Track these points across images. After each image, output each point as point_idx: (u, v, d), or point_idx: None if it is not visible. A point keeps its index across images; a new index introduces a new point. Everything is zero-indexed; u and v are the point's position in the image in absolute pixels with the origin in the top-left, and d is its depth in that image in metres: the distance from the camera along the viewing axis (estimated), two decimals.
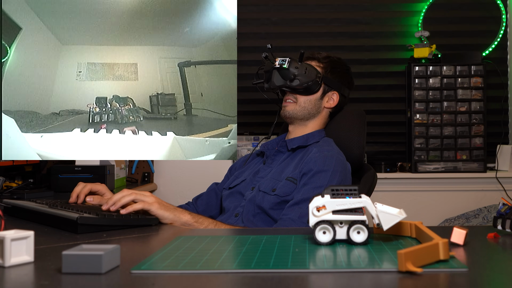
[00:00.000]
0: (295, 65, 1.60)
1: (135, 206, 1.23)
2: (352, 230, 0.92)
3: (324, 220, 0.92)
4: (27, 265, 0.79)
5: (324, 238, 0.92)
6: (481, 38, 3.01)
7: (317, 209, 0.93)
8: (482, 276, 0.75)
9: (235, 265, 0.79)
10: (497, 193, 2.78)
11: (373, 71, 3.02)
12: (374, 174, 1.68)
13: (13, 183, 1.90)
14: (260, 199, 1.52)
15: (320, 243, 0.92)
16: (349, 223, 0.92)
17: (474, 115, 2.78)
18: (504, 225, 1.02)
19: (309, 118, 1.68)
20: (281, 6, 3.05)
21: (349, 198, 0.93)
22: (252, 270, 0.76)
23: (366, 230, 0.92)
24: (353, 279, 0.72)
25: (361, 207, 0.93)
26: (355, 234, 0.92)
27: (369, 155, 2.97)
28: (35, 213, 1.25)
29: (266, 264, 0.79)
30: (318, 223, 0.92)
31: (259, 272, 0.75)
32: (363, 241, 0.91)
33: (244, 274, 0.75)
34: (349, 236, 0.92)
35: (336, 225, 0.93)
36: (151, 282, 0.71)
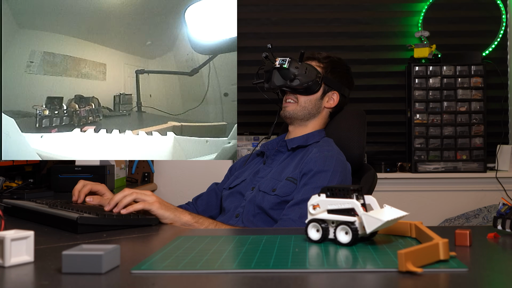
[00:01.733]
0: (295, 65, 1.60)
1: (136, 206, 1.23)
2: (339, 230, 0.92)
3: (318, 219, 0.94)
4: (27, 265, 0.79)
5: (315, 236, 0.94)
6: (481, 38, 3.01)
7: (313, 207, 0.95)
8: (482, 276, 0.75)
9: (235, 265, 0.79)
10: (497, 193, 2.78)
11: (373, 71, 3.02)
12: (374, 174, 1.68)
13: (13, 183, 1.90)
14: (260, 199, 1.52)
15: (311, 240, 0.94)
16: (338, 223, 0.93)
17: (474, 115, 2.78)
18: (504, 225, 1.02)
19: (309, 118, 1.68)
20: (281, 6, 3.05)
21: (341, 199, 0.93)
22: (252, 270, 0.76)
23: (351, 232, 0.91)
24: (353, 279, 0.72)
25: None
26: (342, 234, 0.92)
27: (369, 155, 2.97)
28: (35, 213, 1.25)
29: (266, 264, 0.79)
30: (311, 221, 0.95)
31: (259, 272, 0.75)
32: (348, 242, 0.91)
33: (244, 274, 0.75)
34: (335, 235, 0.92)
35: (329, 224, 0.94)
36: (151, 282, 0.71)
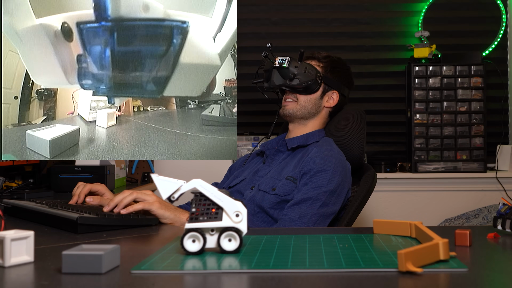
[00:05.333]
0: (295, 65, 1.60)
1: (136, 206, 1.23)
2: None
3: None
4: (27, 265, 0.79)
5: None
6: (481, 38, 3.01)
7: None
8: (482, 276, 0.75)
9: (235, 265, 0.79)
10: (497, 193, 2.78)
11: (373, 71, 3.02)
12: (374, 174, 1.68)
13: (13, 183, 1.90)
14: (260, 198, 1.52)
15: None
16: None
17: (474, 115, 2.78)
18: (504, 225, 1.02)
19: (309, 117, 1.68)
20: (281, 6, 3.05)
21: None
22: (252, 270, 0.76)
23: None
24: (353, 279, 0.72)
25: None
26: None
27: (369, 155, 2.97)
28: (35, 213, 1.25)
29: (266, 264, 0.79)
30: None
31: (259, 272, 0.75)
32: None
33: (244, 274, 0.75)
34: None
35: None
36: (151, 282, 0.71)
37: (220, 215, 0.87)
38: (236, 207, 0.87)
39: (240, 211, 0.87)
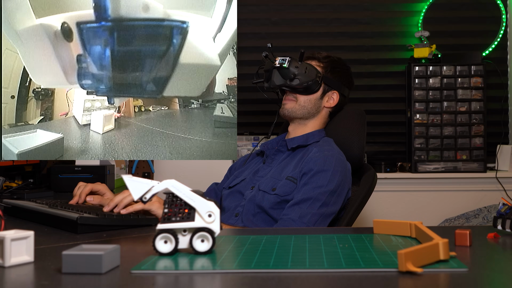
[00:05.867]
0: (295, 65, 1.60)
1: (136, 206, 1.23)
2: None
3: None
4: (27, 265, 0.79)
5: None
6: (481, 38, 3.01)
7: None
8: (482, 276, 0.75)
9: (235, 265, 0.79)
10: (497, 193, 2.78)
11: (373, 71, 3.02)
12: (374, 174, 1.68)
13: (13, 183, 1.90)
14: (260, 198, 1.52)
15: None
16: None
17: (474, 115, 2.78)
18: (504, 225, 1.02)
19: (309, 117, 1.68)
20: (281, 6, 3.05)
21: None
22: (252, 270, 0.76)
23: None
24: (353, 279, 0.72)
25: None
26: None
27: (369, 155, 2.97)
28: (35, 213, 1.25)
29: (266, 264, 0.79)
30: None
31: (259, 272, 0.75)
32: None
33: (244, 274, 0.75)
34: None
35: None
36: (151, 282, 0.71)
37: (192, 215, 0.87)
38: (208, 208, 0.87)
39: (213, 212, 0.87)
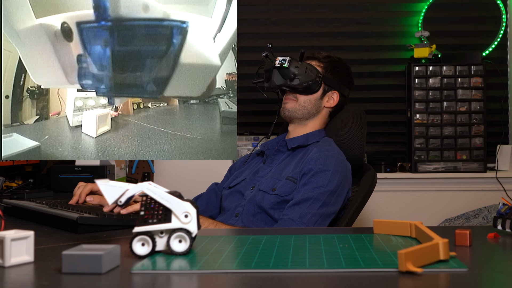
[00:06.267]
0: (296, 65, 1.60)
1: (136, 206, 1.23)
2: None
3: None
4: (27, 265, 0.79)
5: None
6: (481, 38, 3.01)
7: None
8: (482, 276, 0.75)
9: (235, 265, 0.79)
10: (497, 193, 2.78)
11: (373, 71, 3.01)
12: (374, 174, 1.68)
13: (13, 183, 1.90)
14: (260, 198, 1.52)
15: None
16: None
17: (474, 115, 2.78)
18: (504, 225, 1.02)
19: (309, 117, 1.68)
20: (281, 6, 3.05)
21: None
22: (252, 270, 0.76)
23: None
24: (353, 279, 0.72)
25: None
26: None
27: (369, 155, 2.97)
28: (35, 213, 1.25)
29: (266, 264, 0.79)
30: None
31: (259, 272, 0.75)
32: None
33: (244, 274, 0.75)
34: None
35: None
36: (151, 282, 0.71)
37: (169, 217, 0.87)
38: (184, 208, 0.87)
39: (189, 212, 0.87)
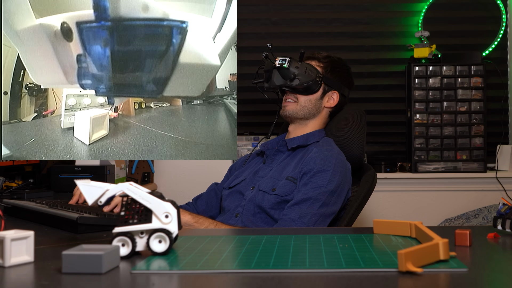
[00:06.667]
0: (295, 65, 1.60)
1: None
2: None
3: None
4: (27, 265, 0.79)
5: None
6: (481, 38, 3.01)
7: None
8: (482, 276, 0.75)
9: (235, 265, 0.79)
10: (497, 193, 2.78)
11: (373, 71, 3.01)
12: (374, 174, 1.68)
13: (13, 183, 1.90)
14: (260, 198, 1.52)
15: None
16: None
17: (474, 115, 2.78)
18: (504, 225, 1.02)
19: (309, 117, 1.68)
20: (281, 6, 3.05)
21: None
22: (252, 270, 0.76)
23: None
24: (353, 279, 0.72)
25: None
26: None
27: (369, 155, 2.97)
28: (35, 213, 1.25)
29: (266, 264, 0.79)
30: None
31: (259, 272, 0.75)
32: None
33: (244, 274, 0.75)
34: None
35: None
36: (151, 282, 0.71)
37: (149, 217, 0.87)
38: (164, 208, 0.87)
39: (170, 212, 0.87)
